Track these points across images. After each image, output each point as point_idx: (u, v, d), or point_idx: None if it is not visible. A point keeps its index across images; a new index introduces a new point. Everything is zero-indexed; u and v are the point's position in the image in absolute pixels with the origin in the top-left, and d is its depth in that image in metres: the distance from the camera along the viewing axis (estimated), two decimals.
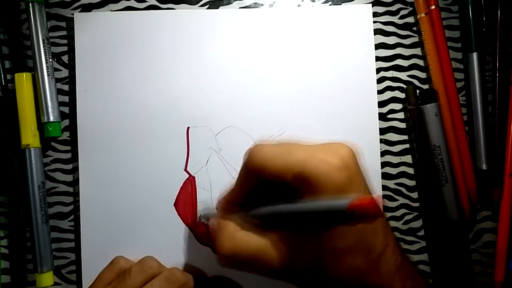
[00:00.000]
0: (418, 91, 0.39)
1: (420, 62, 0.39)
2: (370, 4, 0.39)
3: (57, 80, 0.38)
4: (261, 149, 0.27)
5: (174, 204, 0.38)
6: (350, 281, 0.25)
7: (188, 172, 0.38)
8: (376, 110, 0.38)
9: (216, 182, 0.38)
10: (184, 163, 0.38)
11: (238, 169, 0.29)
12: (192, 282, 0.35)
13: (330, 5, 0.39)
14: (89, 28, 0.38)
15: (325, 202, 0.24)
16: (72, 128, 0.38)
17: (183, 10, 0.39)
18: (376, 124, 0.38)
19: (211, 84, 0.38)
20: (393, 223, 0.39)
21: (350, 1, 0.39)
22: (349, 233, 0.25)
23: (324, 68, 0.38)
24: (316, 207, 0.24)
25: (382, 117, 0.39)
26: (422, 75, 0.39)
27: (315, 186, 0.25)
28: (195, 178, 0.38)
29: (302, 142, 0.27)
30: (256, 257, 0.27)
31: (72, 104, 0.38)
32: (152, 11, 0.39)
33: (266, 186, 0.28)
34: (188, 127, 0.38)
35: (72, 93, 0.38)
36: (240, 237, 0.28)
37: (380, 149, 0.38)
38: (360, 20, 0.39)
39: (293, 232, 0.27)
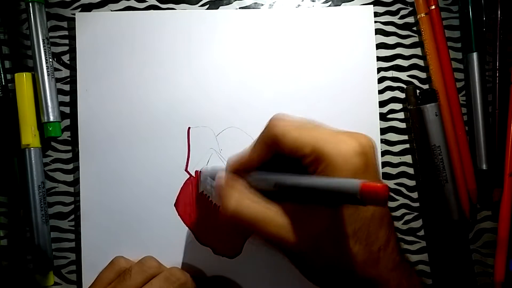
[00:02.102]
0: (418, 91, 0.39)
1: (420, 62, 0.39)
2: (372, 5, 0.39)
3: (57, 80, 0.38)
4: (283, 118, 0.27)
5: (175, 204, 0.37)
6: (348, 267, 0.25)
7: (188, 173, 0.38)
8: (377, 110, 0.38)
9: None
10: (185, 164, 0.38)
11: None
12: (191, 282, 0.35)
13: (329, 5, 0.39)
14: (91, 28, 0.38)
15: (338, 180, 0.24)
16: (73, 128, 0.38)
17: (183, 10, 0.39)
18: (377, 124, 0.38)
19: (212, 84, 0.38)
20: None
21: (350, 1, 0.39)
22: (356, 218, 0.25)
23: (325, 69, 0.38)
24: (328, 184, 0.24)
25: (382, 117, 0.39)
26: (422, 75, 0.39)
27: (330, 164, 0.25)
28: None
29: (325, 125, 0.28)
30: (259, 224, 0.26)
31: (73, 104, 0.38)
32: (152, 11, 0.39)
33: (280, 160, 0.27)
34: (189, 128, 0.38)
35: (72, 93, 0.38)
36: (247, 199, 0.27)
37: (380, 149, 0.38)
38: (361, 21, 0.38)
39: (299, 206, 0.26)
